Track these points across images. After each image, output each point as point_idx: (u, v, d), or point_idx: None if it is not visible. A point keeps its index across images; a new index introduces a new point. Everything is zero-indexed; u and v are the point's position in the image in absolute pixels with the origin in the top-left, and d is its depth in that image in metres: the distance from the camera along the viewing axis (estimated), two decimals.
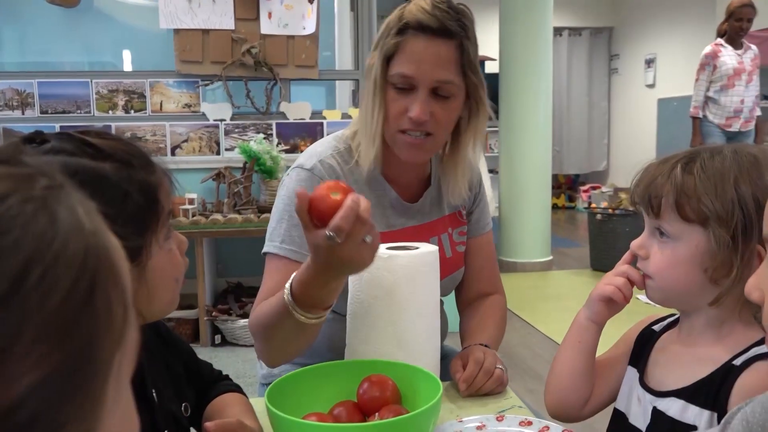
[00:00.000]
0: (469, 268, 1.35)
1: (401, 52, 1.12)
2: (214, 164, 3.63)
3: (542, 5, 4.99)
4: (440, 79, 1.12)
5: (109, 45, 3.69)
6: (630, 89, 8.28)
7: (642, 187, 0.90)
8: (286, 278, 1.10)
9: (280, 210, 1.19)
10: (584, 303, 1.00)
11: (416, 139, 1.15)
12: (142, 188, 0.73)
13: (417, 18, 1.11)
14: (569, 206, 8.75)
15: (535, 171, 5.11)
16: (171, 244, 0.79)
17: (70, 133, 0.75)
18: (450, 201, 1.28)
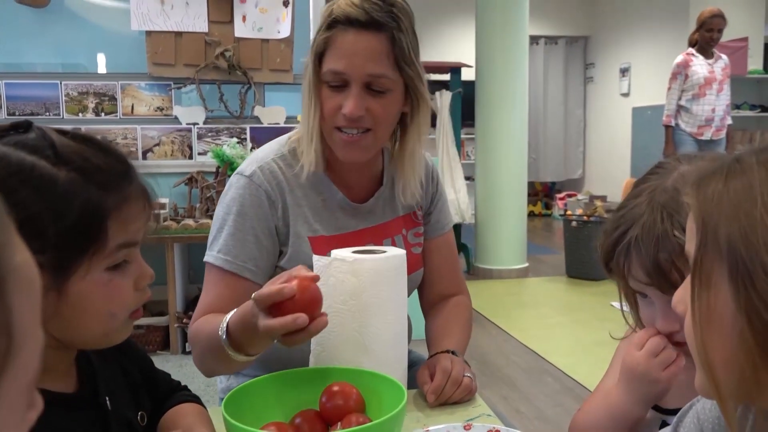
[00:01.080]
0: (430, 269, 1.32)
1: (331, 48, 1.10)
2: (187, 168, 3.58)
3: (518, 14, 5.01)
4: (372, 73, 1.09)
5: (80, 46, 3.62)
6: (605, 98, 8.36)
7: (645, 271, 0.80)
8: (224, 291, 1.12)
9: (219, 218, 1.16)
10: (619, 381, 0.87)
11: (352, 136, 1.12)
12: (87, 208, 0.67)
13: (345, 12, 1.08)
14: (546, 213, 8.79)
15: (511, 178, 5.12)
16: (116, 276, 0.71)
17: (46, 130, 0.70)
18: (402, 200, 1.25)
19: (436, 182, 1.34)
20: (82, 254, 0.68)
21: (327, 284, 1.03)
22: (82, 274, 0.68)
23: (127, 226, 0.71)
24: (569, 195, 8.27)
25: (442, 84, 5.59)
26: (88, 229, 0.67)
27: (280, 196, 1.16)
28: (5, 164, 0.66)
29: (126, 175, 0.72)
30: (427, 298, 1.35)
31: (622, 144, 7.73)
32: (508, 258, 5.18)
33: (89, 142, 0.72)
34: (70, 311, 0.69)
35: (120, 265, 0.72)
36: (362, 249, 1.07)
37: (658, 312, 0.84)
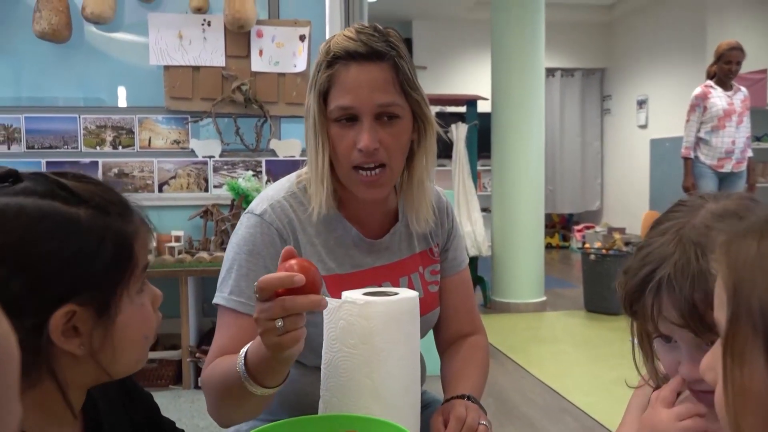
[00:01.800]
0: (446, 308, 1.28)
1: (335, 85, 1.08)
2: (202, 201, 3.58)
3: (534, 46, 5.02)
4: (382, 103, 1.07)
5: (100, 80, 3.66)
6: (622, 129, 8.32)
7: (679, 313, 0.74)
8: (237, 334, 1.07)
9: (230, 259, 1.13)
10: None
11: (371, 176, 1.09)
12: (117, 238, 0.70)
13: (343, 47, 1.07)
14: (563, 246, 8.71)
15: (528, 210, 5.08)
16: (143, 299, 0.74)
17: (45, 173, 0.70)
18: (417, 229, 1.21)
19: (451, 218, 1.31)
20: (122, 282, 0.70)
21: (337, 327, 0.99)
22: (126, 302, 0.71)
23: (145, 250, 0.74)
24: (587, 227, 8.20)
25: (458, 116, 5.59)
26: (123, 258, 0.70)
27: (292, 235, 1.14)
28: (26, 215, 0.65)
29: (128, 203, 0.75)
30: (442, 337, 1.31)
31: (640, 176, 7.66)
32: (525, 291, 5.11)
33: (87, 179, 0.73)
34: (118, 341, 0.71)
35: (142, 287, 0.75)
36: (374, 290, 1.04)
37: (684, 356, 0.78)
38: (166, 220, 3.56)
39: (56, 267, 0.65)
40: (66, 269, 0.66)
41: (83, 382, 0.74)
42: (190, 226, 3.58)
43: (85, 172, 0.76)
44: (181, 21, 3.53)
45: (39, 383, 0.68)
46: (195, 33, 3.54)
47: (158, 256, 3.37)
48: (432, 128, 1.15)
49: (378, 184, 1.11)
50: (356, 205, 1.17)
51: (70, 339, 0.67)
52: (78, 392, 0.74)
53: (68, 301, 0.66)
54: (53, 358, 0.67)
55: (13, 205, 0.66)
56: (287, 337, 0.85)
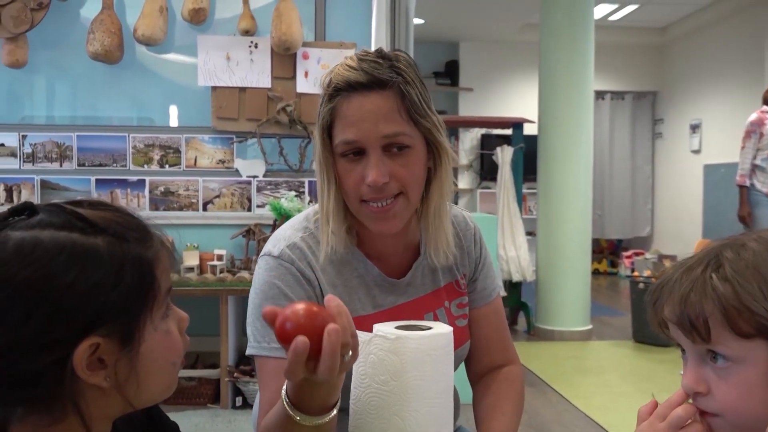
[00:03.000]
0: (477, 340, 1.22)
1: (338, 119, 1.03)
2: (245, 221, 3.60)
3: (583, 69, 4.93)
4: (387, 134, 1.01)
5: (149, 100, 3.74)
6: (675, 154, 8.10)
7: (673, 309, 0.75)
8: (284, 383, 1.01)
9: (256, 305, 1.08)
10: None
11: (381, 207, 1.04)
12: (137, 265, 0.68)
13: (344, 77, 1.02)
14: (611, 272, 8.49)
15: (574, 235, 4.96)
16: (169, 324, 0.72)
17: (60, 204, 0.69)
18: (436, 262, 1.14)
19: (479, 245, 1.24)
20: (145, 310, 0.68)
21: (367, 362, 0.96)
22: (150, 330, 0.69)
23: (166, 274, 0.72)
24: (637, 253, 7.98)
25: (503, 139, 5.52)
26: (145, 284, 0.68)
27: (314, 276, 1.09)
28: (43, 248, 0.64)
29: (147, 227, 0.73)
30: (474, 369, 1.25)
31: (693, 202, 7.43)
32: (570, 319, 4.98)
33: (103, 206, 0.72)
34: (144, 371, 0.69)
35: (166, 313, 0.73)
36: (407, 324, 1.00)
37: (686, 366, 0.76)
38: (209, 239, 3.59)
39: (76, 300, 0.64)
40: (86, 301, 0.64)
41: (109, 414, 0.72)
42: (233, 245, 3.60)
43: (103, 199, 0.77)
44: (230, 43, 3.58)
45: (64, 417, 0.67)
46: (242, 55, 3.58)
47: (200, 274, 3.40)
48: (447, 155, 1.08)
49: (390, 215, 1.05)
50: (375, 240, 1.12)
51: (96, 372, 0.66)
52: (103, 425, 0.72)
53: (91, 334, 0.64)
54: (78, 393, 0.66)
55: (30, 239, 0.65)
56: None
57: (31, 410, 0.67)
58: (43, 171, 3.57)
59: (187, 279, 3.27)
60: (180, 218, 3.60)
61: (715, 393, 0.72)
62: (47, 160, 3.59)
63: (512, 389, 1.20)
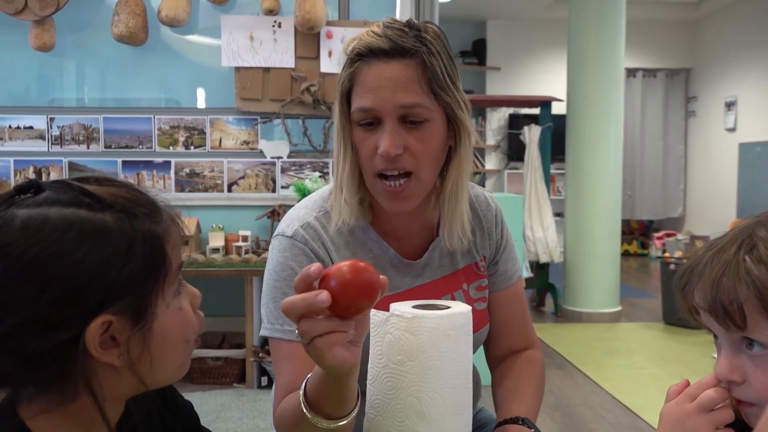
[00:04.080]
0: (497, 324, 1.19)
1: (357, 84, 0.99)
2: (270, 202, 3.61)
3: (614, 46, 4.81)
4: (404, 104, 0.97)
5: (174, 82, 3.75)
6: (708, 133, 7.90)
7: (704, 295, 0.71)
8: (299, 366, 0.98)
9: (270, 287, 1.06)
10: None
11: (395, 186, 1.00)
12: (147, 240, 0.66)
13: (366, 43, 0.98)
14: (642, 253, 8.36)
15: (603, 215, 4.87)
16: (181, 301, 0.71)
17: (67, 181, 0.67)
18: (449, 246, 1.10)
19: (500, 227, 1.19)
20: (156, 286, 0.67)
21: (383, 342, 0.93)
22: (162, 307, 0.68)
23: (177, 249, 0.70)
24: (668, 234, 7.84)
25: (531, 118, 5.44)
26: (156, 260, 0.67)
27: (327, 255, 1.07)
28: (51, 225, 0.63)
29: (155, 202, 0.71)
30: (493, 353, 1.21)
31: (727, 181, 7.25)
32: (599, 301, 4.91)
33: (110, 182, 0.69)
34: (157, 348, 0.68)
35: (178, 288, 0.71)
36: (425, 303, 0.97)
37: (720, 353, 0.73)
38: (234, 220, 3.60)
39: (87, 277, 0.62)
40: (97, 278, 0.63)
41: (122, 393, 0.71)
42: (258, 226, 3.61)
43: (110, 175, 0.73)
44: (253, 23, 3.56)
45: (76, 397, 0.66)
46: (266, 34, 3.56)
47: (225, 255, 3.41)
48: (468, 134, 1.04)
49: (403, 196, 1.01)
50: (391, 218, 1.09)
51: (108, 350, 0.64)
52: (116, 405, 0.72)
53: (103, 311, 0.63)
54: (91, 371, 0.65)
55: (37, 216, 0.63)
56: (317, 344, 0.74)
57: (43, 390, 0.66)
58: (70, 153, 3.61)
59: (212, 260, 3.28)
60: (205, 199, 3.62)
61: (752, 382, 0.69)
62: (75, 142, 3.62)
63: (533, 373, 1.16)
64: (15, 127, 3.61)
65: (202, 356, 3.29)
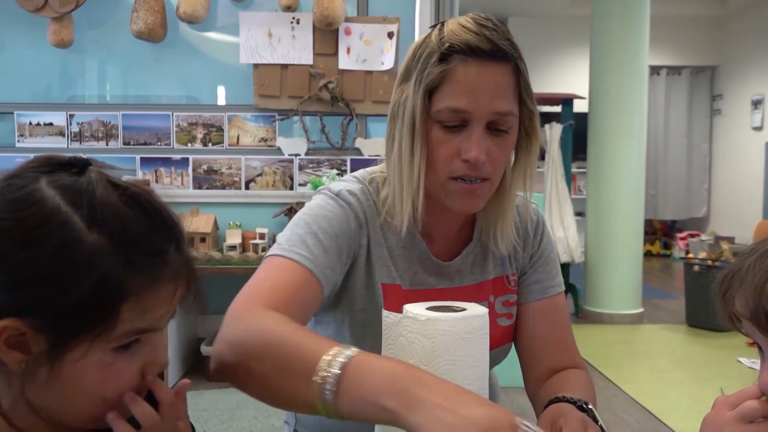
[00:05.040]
0: (534, 338, 1.09)
1: (449, 83, 0.93)
2: (287, 199, 3.59)
3: (638, 43, 4.73)
4: (499, 111, 0.93)
5: (192, 79, 3.75)
6: (734, 131, 7.75)
7: (746, 302, 0.67)
8: (297, 284, 0.88)
9: (297, 219, 0.98)
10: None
11: (473, 184, 0.95)
12: (102, 286, 0.57)
13: (464, 40, 0.92)
14: (665, 254, 8.23)
15: (625, 215, 4.79)
16: (121, 359, 0.61)
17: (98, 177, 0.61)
18: (496, 252, 1.06)
19: (539, 239, 1.13)
20: (83, 334, 0.58)
21: (396, 344, 0.90)
22: (80, 354, 0.58)
23: (146, 313, 0.60)
24: (692, 235, 7.71)
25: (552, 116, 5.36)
26: (97, 309, 0.57)
27: (366, 226, 1.01)
28: (38, 210, 0.58)
29: (163, 253, 0.61)
30: (534, 374, 1.09)
31: (753, 181, 7.11)
32: (620, 302, 4.83)
33: (138, 204, 0.61)
34: (61, 388, 0.60)
35: (129, 345, 0.61)
36: (439, 305, 0.93)
37: (763, 362, 0.69)
38: (251, 217, 3.59)
39: (25, 276, 0.57)
40: (36, 283, 0.57)
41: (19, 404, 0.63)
42: (275, 223, 3.59)
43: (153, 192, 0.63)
44: (271, 19, 3.55)
45: None
46: (284, 31, 3.54)
47: (242, 252, 3.40)
48: (537, 143, 1.01)
49: (476, 195, 0.97)
50: (433, 218, 1.04)
51: (12, 352, 0.58)
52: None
53: (20, 316, 0.57)
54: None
55: (38, 198, 0.58)
56: None
57: None
58: (89, 150, 3.62)
59: (228, 257, 3.27)
60: (222, 197, 3.61)
61: None
62: (94, 138, 3.64)
63: (582, 383, 1.04)
64: (35, 123, 3.63)
65: None
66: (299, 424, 1.16)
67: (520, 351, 1.12)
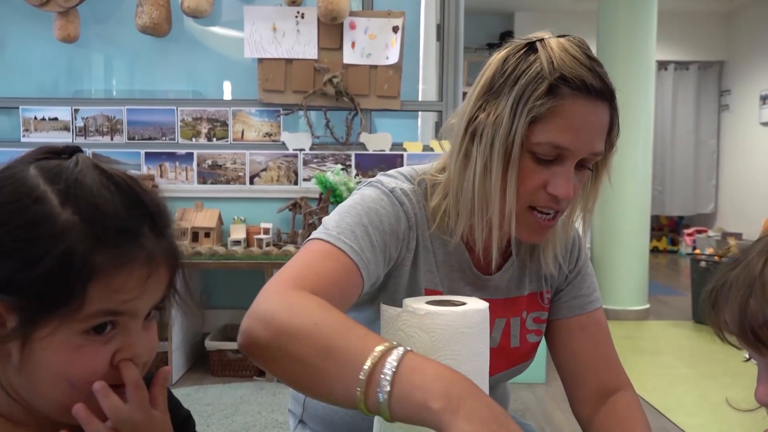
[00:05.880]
0: (578, 355, 1.06)
1: (556, 117, 0.88)
2: (291, 194, 3.58)
3: (644, 38, 4.69)
4: (596, 152, 0.92)
5: (197, 73, 3.75)
6: (742, 127, 7.70)
7: (733, 319, 0.66)
8: (340, 273, 0.86)
9: (347, 206, 0.95)
10: None
11: (549, 219, 0.94)
12: (66, 262, 0.56)
13: (579, 75, 0.88)
14: (671, 250, 8.20)
15: (632, 211, 4.77)
16: (91, 343, 0.59)
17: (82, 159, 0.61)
18: (546, 268, 1.05)
19: (575, 258, 1.10)
20: (51, 311, 0.57)
21: (395, 339, 0.89)
22: (49, 332, 0.57)
23: (115, 294, 0.58)
24: (699, 231, 7.67)
25: None
26: (63, 285, 0.56)
27: (416, 229, 1.00)
28: (16, 188, 0.59)
29: (134, 234, 0.59)
30: (581, 396, 1.05)
31: (761, 177, 7.06)
32: (626, 298, 4.80)
33: (116, 186, 0.60)
34: (32, 369, 0.59)
35: (102, 331, 0.59)
36: (439, 299, 0.92)
37: (760, 377, 0.68)
38: (255, 212, 3.58)
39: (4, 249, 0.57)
40: (10, 257, 0.57)
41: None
42: (279, 218, 3.59)
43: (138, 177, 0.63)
44: (276, 13, 3.54)
45: None
46: (289, 25, 3.53)
47: (247, 247, 3.40)
48: (606, 175, 0.99)
49: (548, 231, 0.97)
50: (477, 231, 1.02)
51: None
52: None
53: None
54: None
55: (20, 177, 0.59)
56: None
57: None
58: (94, 144, 3.62)
59: (232, 252, 3.27)
60: (227, 191, 3.61)
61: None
62: (98, 133, 3.64)
63: (637, 415, 1.02)
64: (40, 118, 3.64)
65: (222, 348, 3.28)
66: (306, 414, 1.15)
67: (563, 370, 1.09)
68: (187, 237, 3.38)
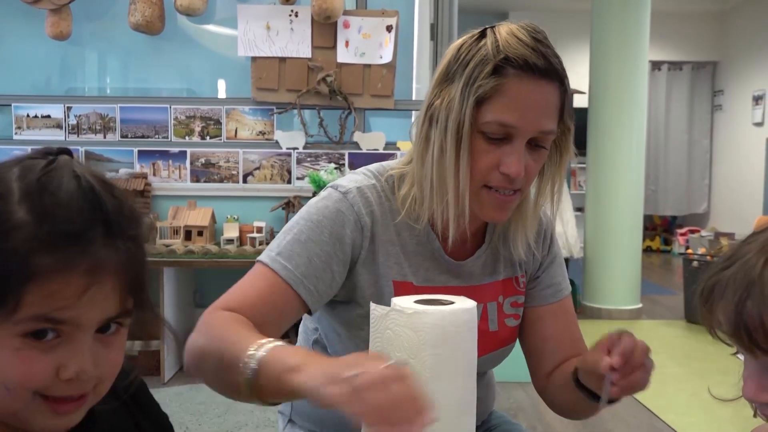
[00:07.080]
0: (546, 338, 1.11)
1: (500, 96, 0.92)
2: (285, 193, 3.58)
3: (638, 38, 4.71)
4: (545, 130, 0.94)
5: (190, 72, 3.74)
6: (735, 127, 7.74)
7: (727, 318, 0.65)
8: (269, 296, 0.95)
9: (293, 221, 1.01)
10: None
11: (507, 196, 0.97)
12: (7, 261, 0.55)
13: (521, 54, 0.92)
14: (664, 250, 8.22)
15: (625, 211, 4.78)
16: (30, 349, 0.57)
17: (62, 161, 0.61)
18: (512, 256, 1.08)
19: (548, 244, 1.14)
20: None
21: (383, 338, 0.89)
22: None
23: (49, 300, 0.56)
24: (692, 231, 7.70)
25: None
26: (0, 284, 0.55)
27: (371, 227, 1.02)
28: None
29: (81, 239, 0.56)
30: (543, 371, 1.11)
31: (753, 177, 7.10)
32: (619, 297, 4.82)
33: (80, 189, 0.58)
34: None
35: (43, 338, 0.57)
36: (428, 298, 0.93)
37: (746, 372, 0.67)
38: (249, 211, 3.58)
39: None
40: None
41: None
42: (273, 217, 3.59)
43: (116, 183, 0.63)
44: (269, 12, 3.53)
45: None
46: (282, 24, 3.53)
47: (240, 246, 3.40)
48: (568, 159, 1.03)
49: (508, 207, 1.00)
50: (447, 218, 1.04)
51: None
52: None
53: None
54: None
55: (1, 176, 0.59)
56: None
57: None
58: (87, 142, 3.61)
59: (225, 251, 3.27)
60: (220, 190, 3.60)
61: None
62: (91, 131, 3.62)
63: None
64: (33, 116, 3.62)
65: None
66: (294, 413, 1.17)
67: (529, 351, 1.14)
68: (180, 235, 3.38)
